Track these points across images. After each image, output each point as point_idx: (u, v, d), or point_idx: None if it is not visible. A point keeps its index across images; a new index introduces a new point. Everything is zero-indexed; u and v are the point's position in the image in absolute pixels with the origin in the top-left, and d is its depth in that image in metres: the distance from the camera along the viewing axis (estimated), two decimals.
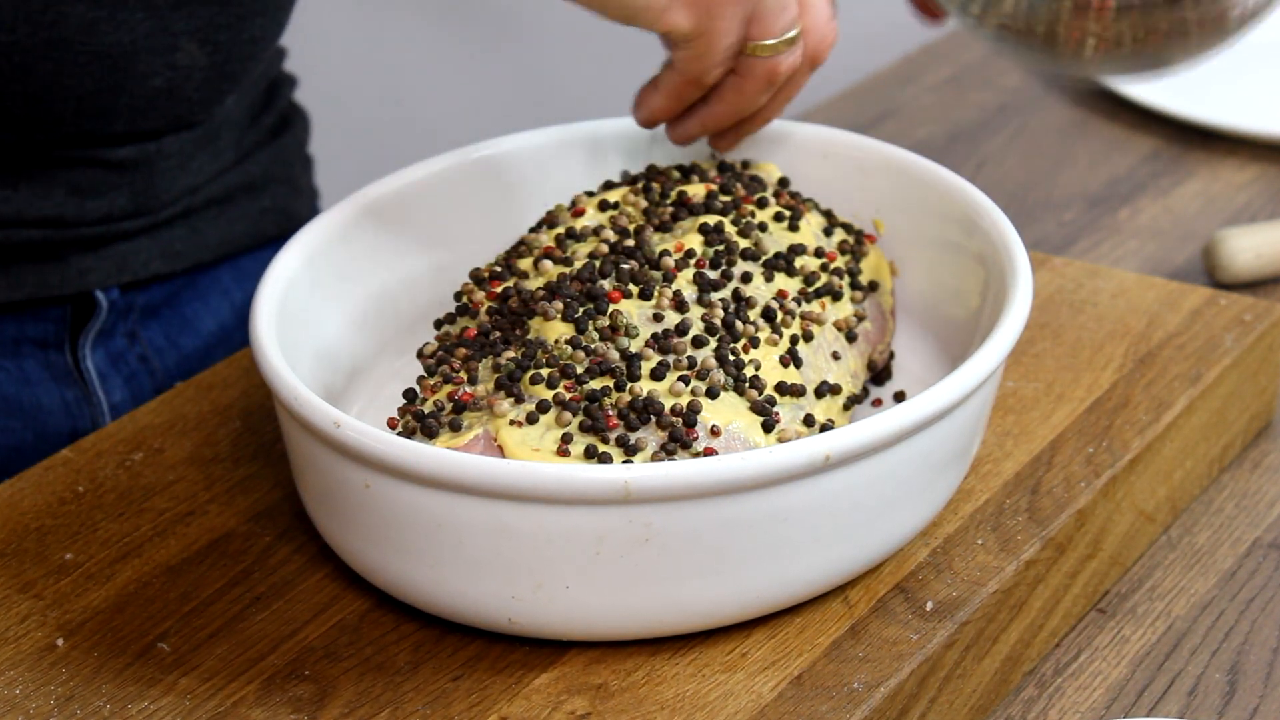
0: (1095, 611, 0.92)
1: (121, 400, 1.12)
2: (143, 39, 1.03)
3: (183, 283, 1.15)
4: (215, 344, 1.16)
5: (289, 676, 0.82)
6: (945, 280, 0.97)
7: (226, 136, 1.14)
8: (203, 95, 1.07)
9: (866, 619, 0.84)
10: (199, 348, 1.16)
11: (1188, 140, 1.31)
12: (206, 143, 1.12)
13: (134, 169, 1.08)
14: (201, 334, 1.16)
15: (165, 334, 1.14)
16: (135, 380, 1.13)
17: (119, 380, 1.12)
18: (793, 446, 0.79)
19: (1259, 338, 1.01)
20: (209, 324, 1.16)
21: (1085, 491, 0.91)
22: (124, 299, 1.11)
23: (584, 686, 0.81)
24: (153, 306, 1.14)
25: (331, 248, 0.94)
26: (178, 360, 1.15)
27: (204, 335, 1.16)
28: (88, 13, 1.00)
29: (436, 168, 0.99)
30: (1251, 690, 0.87)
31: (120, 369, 1.12)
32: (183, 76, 1.05)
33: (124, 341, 1.12)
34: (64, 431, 1.09)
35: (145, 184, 1.09)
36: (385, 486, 0.80)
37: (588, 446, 0.81)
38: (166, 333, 1.14)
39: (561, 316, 0.87)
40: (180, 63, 1.05)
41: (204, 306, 1.16)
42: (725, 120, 0.95)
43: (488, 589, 0.81)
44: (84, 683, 0.83)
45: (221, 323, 1.17)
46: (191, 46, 1.05)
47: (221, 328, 1.17)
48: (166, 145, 1.09)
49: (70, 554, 0.90)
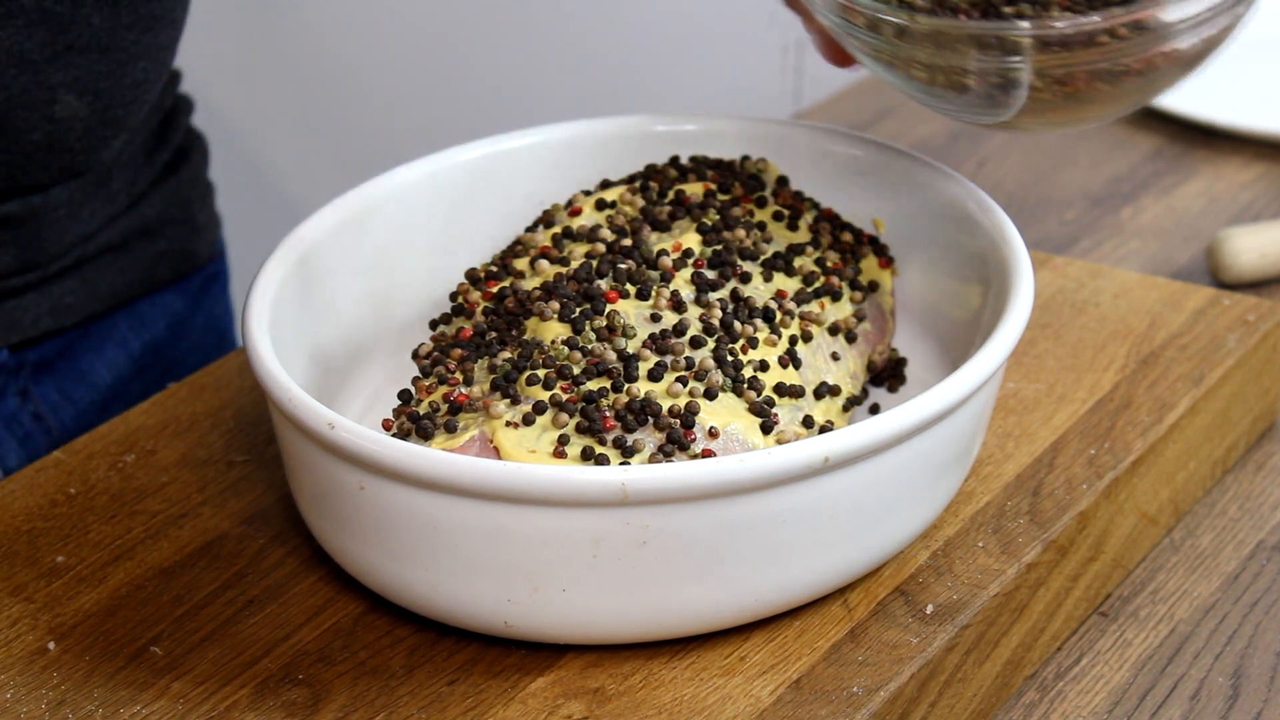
0: (1097, 615, 0.92)
1: (18, 462, 1.09)
2: (17, 95, 1.00)
3: (75, 335, 1.11)
4: (113, 396, 1.13)
5: (283, 680, 0.82)
6: (946, 280, 0.97)
7: (119, 179, 1.10)
8: (86, 145, 1.04)
9: (866, 622, 0.83)
10: (95, 401, 1.12)
11: (1190, 139, 1.30)
12: (96, 189, 1.08)
13: (19, 224, 1.05)
14: (98, 387, 1.13)
15: (59, 389, 1.11)
16: (30, 440, 1.10)
17: (13, 442, 1.09)
18: (792, 448, 0.78)
19: (1262, 338, 1.01)
20: (104, 376, 1.13)
21: (1087, 493, 0.90)
22: (14, 358, 1.08)
23: (581, 690, 0.81)
24: (45, 362, 1.10)
25: (325, 247, 0.94)
26: (74, 415, 1.11)
27: (100, 389, 1.13)
28: None
29: (432, 167, 0.99)
30: (1255, 694, 0.87)
31: (14, 430, 1.09)
32: (63, 129, 1.02)
33: (15, 401, 1.09)
34: None
35: (31, 238, 1.05)
36: (380, 488, 0.80)
37: (585, 448, 0.81)
38: (60, 388, 1.11)
39: (558, 317, 0.86)
40: (59, 115, 1.01)
41: (99, 358, 1.13)
42: None
43: (483, 592, 0.80)
44: (76, 687, 0.82)
45: (118, 373, 1.13)
46: (70, 98, 1.01)
47: (118, 379, 1.13)
48: (53, 196, 1.05)
49: (62, 557, 0.89)
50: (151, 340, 1.15)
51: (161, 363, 1.15)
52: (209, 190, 1.20)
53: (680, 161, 0.98)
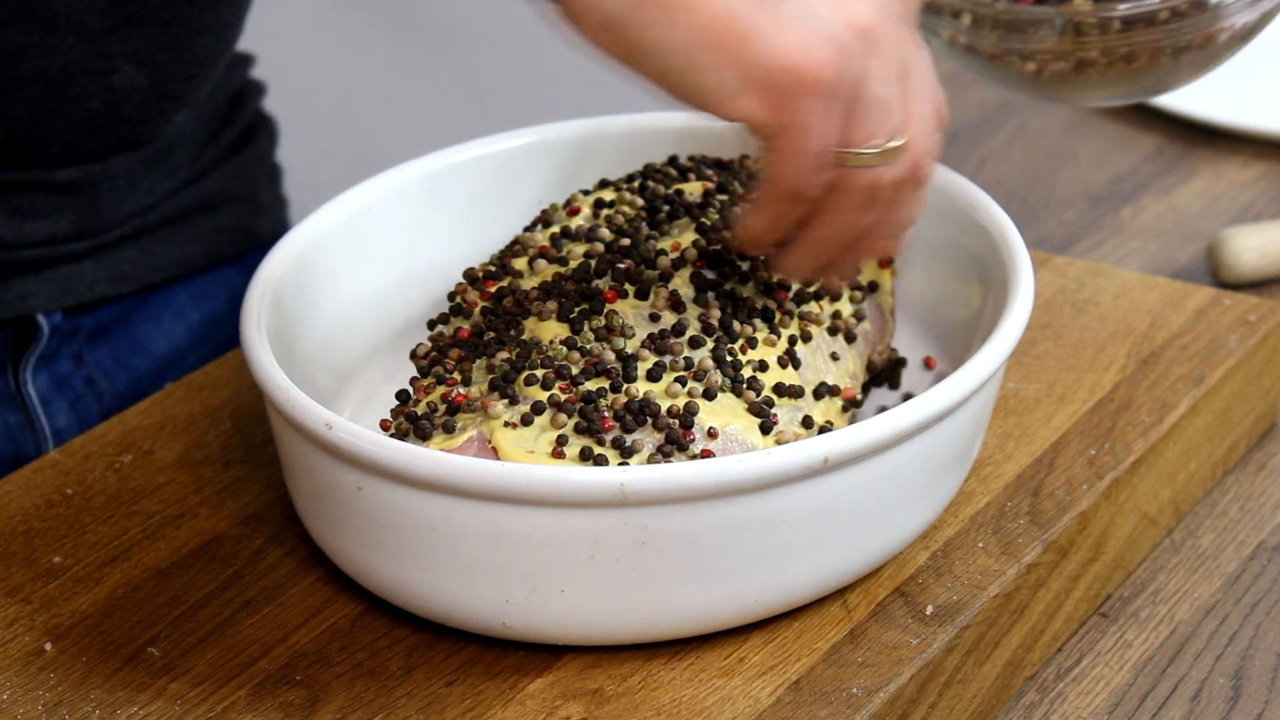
0: (1097, 616, 0.92)
1: (67, 425, 1.09)
2: (76, 63, 0.99)
3: (133, 304, 1.11)
4: (168, 366, 1.13)
5: (280, 682, 0.82)
6: (945, 280, 0.97)
7: (181, 154, 1.10)
8: (144, 116, 1.04)
9: (866, 623, 0.83)
10: (150, 370, 1.12)
11: (1191, 138, 1.30)
12: (158, 161, 1.09)
13: (77, 191, 1.05)
14: (154, 356, 1.13)
15: (114, 356, 1.11)
16: (81, 404, 1.10)
17: (63, 405, 1.09)
18: (791, 448, 0.78)
19: (1263, 338, 1.00)
20: (162, 345, 1.13)
21: (1087, 494, 0.90)
22: (68, 322, 1.08)
23: (579, 692, 0.80)
24: (101, 328, 1.10)
25: (323, 247, 0.94)
26: (128, 383, 1.11)
27: (156, 357, 1.13)
28: (17, 37, 0.98)
29: (429, 167, 0.99)
30: (1256, 695, 0.87)
31: (65, 393, 1.09)
32: (121, 98, 1.02)
33: (69, 365, 1.09)
34: (6, 459, 1.07)
35: (89, 206, 1.05)
36: (378, 489, 0.80)
37: (583, 448, 0.81)
38: (115, 355, 1.11)
39: (556, 317, 0.86)
40: (117, 84, 1.01)
41: (157, 328, 1.13)
42: (831, 247, 0.83)
43: (482, 593, 0.80)
44: (72, 688, 0.82)
45: (175, 344, 1.13)
46: (129, 69, 1.01)
47: (175, 349, 1.13)
48: (112, 166, 1.05)
49: (58, 557, 0.89)
50: (211, 313, 1.15)
51: (219, 336, 1.16)
52: (276, 172, 1.20)
53: (679, 161, 0.98)
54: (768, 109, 0.77)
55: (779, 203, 0.81)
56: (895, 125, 0.79)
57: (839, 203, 0.81)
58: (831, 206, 0.81)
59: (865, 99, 0.78)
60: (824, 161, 0.78)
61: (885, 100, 0.78)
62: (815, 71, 0.76)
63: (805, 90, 0.76)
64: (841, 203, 0.81)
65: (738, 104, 0.77)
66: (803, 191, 0.80)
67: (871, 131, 0.78)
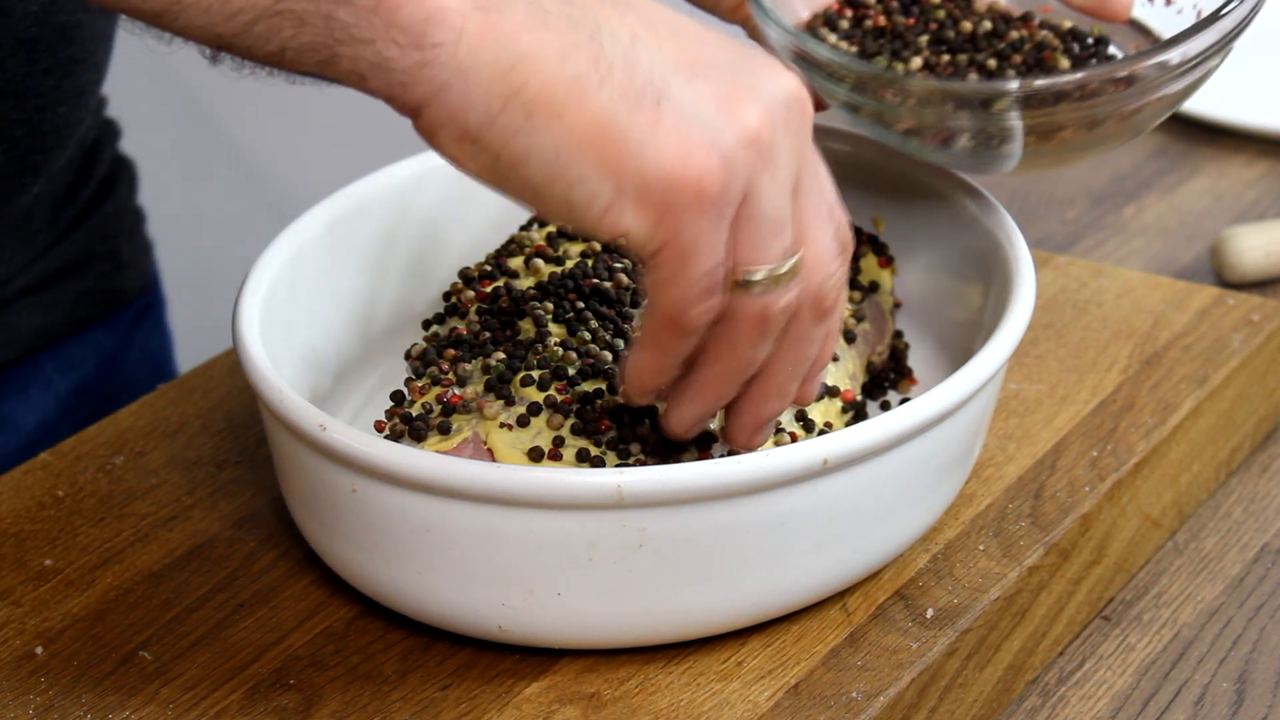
0: (1100, 619, 0.91)
1: None
2: None
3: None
4: (39, 440, 1.08)
5: (274, 685, 0.81)
6: (946, 280, 0.96)
7: (38, 219, 1.05)
8: (2, 191, 1.00)
9: (865, 627, 0.83)
10: (19, 445, 1.08)
11: (1194, 136, 1.30)
12: (14, 231, 1.04)
13: None
14: (22, 431, 1.08)
15: None
16: None
17: None
18: (790, 450, 0.78)
19: (1267, 338, 1.00)
20: (29, 420, 1.08)
21: (1089, 496, 0.90)
22: None
23: (576, 696, 0.80)
24: None
25: (317, 246, 0.93)
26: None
27: (25, 432, 1.08)
28: None
29: (425, 165, 0.98)
30: (1260, 700, 0.86)
31: None
32: None
33: None
34: None
35: None
36: (372, 491, 0.79)
37: (580, 450, 0.80)
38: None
39: (553, 317, 0.86)
40: None
41: (23, 401, 1.08)
42: (724, 389, 0.76)
43: (477, 596, 0.80)
44: (63, 692, 0.82)
45: (44, 417, 1.09)
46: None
47: (44, 422, 1.09)
48: None
49: (49, 560, 0.89)
50: (80, 381, 1.12)
51: (91, 403, 1.12)
52: (138, 218, 1.16)
53: None
54: (646, 224, 0.70)
55: (662, 334, 0.73)
56: (787, 245, 0.72)
57: (727, 334, 0.73)
58: (719, 339, 0.74)
59: (753, 215, 0.71)
60: (711, 285, 0.71)
61: (776, 217, 0.71)
62: (698, 183, 0.69)
63: (686, 203, 0.69)
64: (730, 334, 0.73)
65: (612, 218, 0.69)
66: (687, 319, 0.72)
67: (760, 252, 0.71)
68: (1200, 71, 0.86)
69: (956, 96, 0.84)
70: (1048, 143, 0.86)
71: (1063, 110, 0.84)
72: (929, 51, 0.88)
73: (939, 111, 0.85)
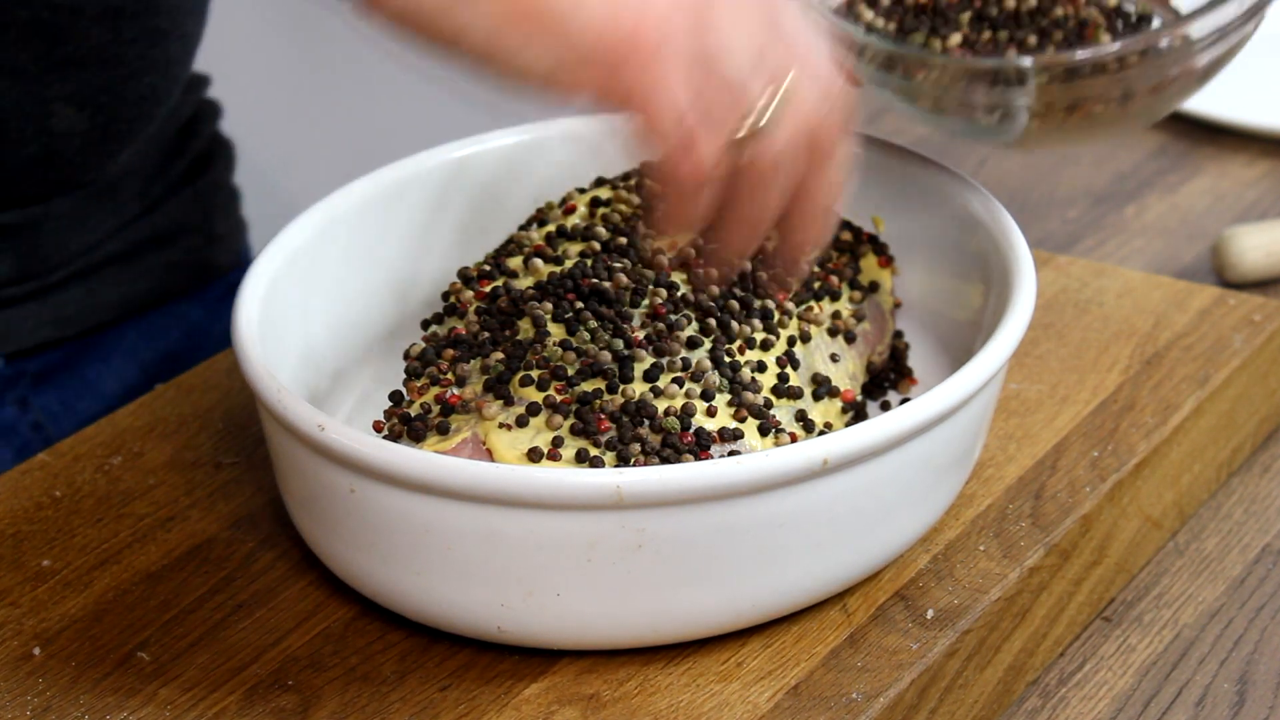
0: (1100, 620, 0.91)
1: None
2: (11, 106, 0.97)
3: (80, 346, 1.08)
4: (119, 405, 1.07)
5: (272, 686, 0.81)
6: (946, 280, 0.96)
7: (129, 189, 1.07)
8: (86, 159, 1.01)
9: (865, 627, 0.82)
10: (100, 410, 1.09)
11: (1195, 136, 1.30)
12: (103, 199, 1.05)
13: (17, 233, 1.02)
14: (104, 396, 1.10)
15: (61, 400, 1.08)
16: (28, 450, 1.06)
17: (9, 452, 1.06)
18: (790, 450, 0.77)
19: (1269, 338, 1.00)
20: (112, 385, 1.10)
21: (1090, 496, 0.89)
22: (11, 367, 1.05)
23: (575, 697, 0.80)
24: (45, 372, 1.07)
25: (315, 246, 0.93)
26: (76, 426, 1.07)
27: (107, 397, 1.10)
28: None
29: (424, 165, 0.98)
30: (1261, 700, 0.86)
31: (11, 440, 1.07)
32: (60, 142, 0.99)
33: (13, 410, 1.07)
34: None
35: (30, 248, 1.03)
36: (371, 491, 0.79)
37: (579, 450, 0.80)
38: (63, 399, 1.08)
39: (552, 317, 0.85)
40: (56, 128, 0.99)
41: (106, 368, 1.10)
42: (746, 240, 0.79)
43: (476, 596, 0.80)
44: (61, 693, 0.81)
45: (126, 383, 1.10)
46: (68, 111, 0.98)
47: (126, 389, 1.10)
48: (55, 207, 1.03)
49: (47, 561, 0.88)
50: (166, 350, 1.13)
51: (174, 373, 1.13)
52: (233, 196, 1.17)
53: None
54: (597, 83, 0.72)
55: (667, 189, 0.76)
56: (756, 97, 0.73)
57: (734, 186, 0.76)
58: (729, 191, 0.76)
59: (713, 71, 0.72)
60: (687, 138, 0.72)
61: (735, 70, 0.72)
62: (632, 38, 0.71)
63: (625, 58, 0.72)
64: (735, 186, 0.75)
65: (564, 79, 0.72)
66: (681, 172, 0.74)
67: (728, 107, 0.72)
68: (1226, 45, 0.85)
69: (976, 74, 0.84)
70: (1073, 115, 0.86)
71: (1091, 84, 0.84)
72: (969, 29, 0.88)
73: (960, 90, 0.85)
